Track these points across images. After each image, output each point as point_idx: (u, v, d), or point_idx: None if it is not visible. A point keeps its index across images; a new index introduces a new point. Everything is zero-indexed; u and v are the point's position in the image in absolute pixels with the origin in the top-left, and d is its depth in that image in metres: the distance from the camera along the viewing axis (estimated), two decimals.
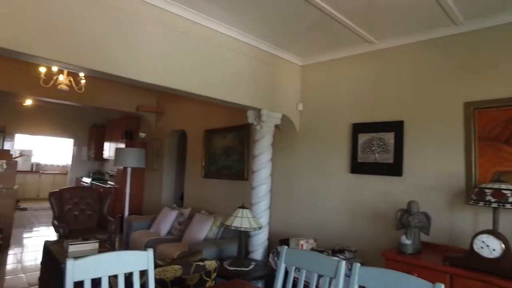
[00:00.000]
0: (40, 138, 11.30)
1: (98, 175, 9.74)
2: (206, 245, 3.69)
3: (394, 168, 3.22)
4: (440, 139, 3.02)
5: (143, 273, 1.79)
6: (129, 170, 5.52)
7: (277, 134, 4.14)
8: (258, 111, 3.83)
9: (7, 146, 9.39)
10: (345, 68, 3.81)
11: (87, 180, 9.33)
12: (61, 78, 4.34)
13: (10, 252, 5.25)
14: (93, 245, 3.54)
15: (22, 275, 4.32)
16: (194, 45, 3.19)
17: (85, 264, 1.55)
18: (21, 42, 2.21)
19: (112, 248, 4.04)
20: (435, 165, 3.03)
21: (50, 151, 12.22)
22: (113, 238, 4.89)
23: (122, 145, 7.62)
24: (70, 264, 1.50)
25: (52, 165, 12.45)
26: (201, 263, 2.48)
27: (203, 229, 4.28)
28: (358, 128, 3.59)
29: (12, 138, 9.52)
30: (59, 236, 4.57)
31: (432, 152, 3.05)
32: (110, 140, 8.95)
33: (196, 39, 3.20)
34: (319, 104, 4.07)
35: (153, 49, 2.89)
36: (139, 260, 1.73)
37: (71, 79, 4.35)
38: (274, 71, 3.97)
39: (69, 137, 10.55)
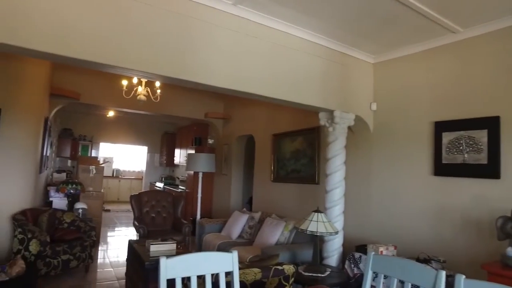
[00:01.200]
0: (119, 146, 12.33)
1: (169, 180, 10.29)
2: (279, 249, 3.65)
3: (488, 170, 2.87)
4: None
5: (226, 274, 1.81)
6: (200, 175, 5.73)
7: (349, 136, 3.97)
8: (330, 112, 3.72)
9: (93, 153, 10.40)
10: (424, 62, 3.53)
11: (159, 184, 9.92)
12: (140, 89, 4.67)
13: (99, 248, 5.75)
14: (171, 245, 3.69)
15: (110, 269, 4.70)
16: (265, 48, 3.20)
17: (176, 263, 1.60)
18: (105, 54, 2.40)
19: (187, 249, 4.19)
20: None
21: (127, 158, 13.26)
22: (187, 240, 5.09)
23: (192, 151, 7.97)
24: (163, 262, 1.55)
25: (129, 171, 13.48)
26: (279, 267, 2.44)
27: (275, 233, 4.25)
28: (441, 127, 3.29)
29: (97, 146, 10.51)
30: (140, 236, 4.89)
31: None
32: (180, 146, 9.42)
33: (267, 42, 3.21)
34: (394, 103, 3.83)
35: (225, 54, 2.96)
36: (224, 261, 1.74)
37: (148, 89, 4.66)
38: (346, 71, 3.83)
39: (144, 144, 11.34)
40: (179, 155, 9.41)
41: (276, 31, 3.25)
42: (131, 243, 3.93)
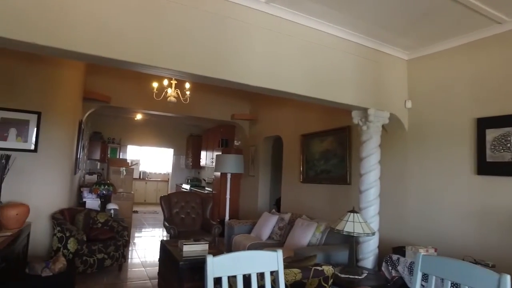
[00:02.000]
0: (145, 148, 12.57)
1: (195, 182, 10.39)
2: (313, 250, 3.58)
3: None
4: None
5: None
6: (228, 176, 5.74)
7: (383, 135, 3.85)
8: (364, 110, 3.63)
9: (121, 156, 10.65)
10: (466, 56, 3.38)
11: (186, 186, 10.02)
12: (170, 91, 4.73)
13: (130, 248, 5.85)
14: (204, 245, 3.70)
15: (142, 268, 4.76)
16: (299, 46, 3.16)
17: (222, 261, 1.57)
18: (143, 55, 2.42)
19: (218, 250, 4.18)
20: None
21: (154, 160, 13.49)
22: (216, 240, 5.10)
23: (219, 153, 8.01)
24: (210, 260, 1.53)
25: (155, 173, 13.71)
26: (319, 268, 2.39)
27: (307, 234, 4.18)
28: (485, 123, 3.14)
29: (125, 149, 10.76)
30: (170, 237, 4.93)
31: None
32: (207, 148, 9.49)
33: (301, 40, 3.17)
34: (431, 100, 3.69)
35: (260, 53, 2.93)
36: (270, 261, 1.70)
37: (178, 91, 4.71)
38: (379, 68, 3.73)
39: (170, 147, 11.50)
40: (205, 157, 9.48)
41: (309, 28, 3.21)
42: (163, 244, 3.96)
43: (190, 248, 3.58)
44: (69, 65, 4.60)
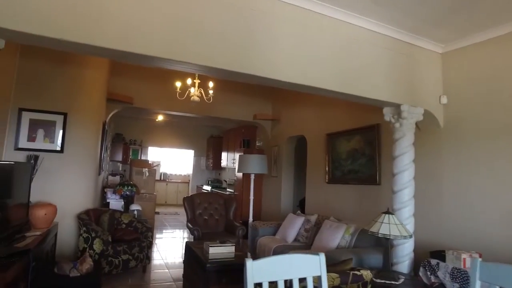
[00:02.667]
0: (166, 150, 12.64)
1: (216, 183, 10.34)
2: (345, 253, 3.42)
3: None
4: None
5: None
6: (252, 177, 5.62)
7: (415, 133, 3.66)
8: (396, 107, 3.46)
9: (142, 157, 10.71)
10: (509, 47, 3.16)
11: (207, 187, 9.98)
12: (193, 90, 4.67)
13: (153, 249, 5.83)
14: (230, 248, 3.60)
15: (166, 270, 4.71)
16: (328, 40, 3.03)
17: (262, 266, 1.46)
18: (168, 49, 2.34)
19: (244, 252, 4.07)
20: None
21: (174, 162, 13.56)
22: (240, 242, 4.99)
23: (240, 154, 7.93)
24: (249, 264, 1.42)
25: (175, 175, 13.76)
26: (357, 273, 2.24)
27: (335, 236, 4.02)
28: None
29: (146, 150, 10.83)
30: (194, 238, 4.86)
31: None
32: (227, 149, 9.43)
33: (331, 34, 3.04)
34: (469, 95, 3.49)
35: (288, 47, 2.82)
36: (311, 265, 1.58)
37: (202, 90, 4.65)
38: (412, 62, 3.55)
39: (190, 148, 11.51)
40: (226, 158, 9.42)
41: (339, 21, 3.07)
42: (188, 245, 3.88)
43: (216, 250, 3.49)
44: (94, 65, 4.61)
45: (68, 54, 4.27)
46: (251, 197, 5.58)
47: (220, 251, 3.51)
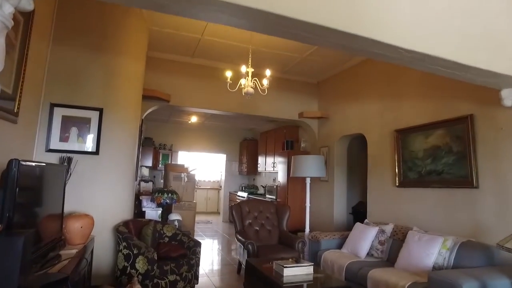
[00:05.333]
0: (195, 155, 12.08)
1: (252, 189, 9.66)
2: (455, 274, 2.63)
3: None
4: None
5: None
6: (308, 181, 4.92)
7: None
8: None
9: (173, 162, 10.16)
10: None
11: (242, 194, 9.31)
12: (244, 82, 4.02)
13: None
14: (308, 268, 2.89)
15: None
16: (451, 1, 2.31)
17: None
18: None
19: (326, 274, 3.35)
20: None
21: (204, 167, 12.99)
22: (301, 257, 4.26)
23: (282, 158, 7.23)
24: None
25: (204, 181, 13.19)
26: None
27: (430, 252, 3.24)
28: None
29: (176, 155, 10.29)
30: (248, 254, 4.15)
31: None
32: (265, 153, 8.75)
33: None
34: None
35: (402, 5, 2.12)
36: None
37: (257, 80, 3.99)
38: None
39: (222, 152, 10.88)
40: (264, 162, 8.74)
41: None
42: (251, 264, 3.20)
43: (292, 272, 2.79)
44: (132, 55, 4.04)
45: (104, 40, 3.71)
46: (307, 204, 4.90)
47: (296, 272, 2.81)
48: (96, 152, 3.60)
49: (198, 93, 5.74)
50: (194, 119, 8.60)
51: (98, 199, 3.54)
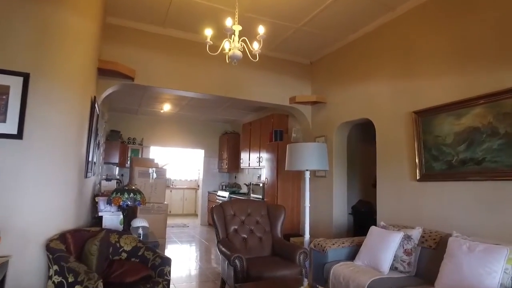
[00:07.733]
0: (169, 152, 10.94)
1: (234, 188, 8.65)
2: None
3: None
4: None
5: None
6: (307, 176, 3.97)
7: None
8: None
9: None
10: None
11: (222, 193, 8.28)
12: (227, 46, 3.03)
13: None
14: None
15: None
16: None
17: None
18: None
19: None
20: None
21: (178, 165, 11.87)
22: (304, 273, 3.29)
23: (269, 151, 6.27)
24: None
25: (180, 180, 12.08)
26: None
27: (490, 269, 2.35)
28: None
29: (147, 151, 9.13)
30: (235, 271, 3.13)
31: None
32: (249, 147, 7.76)
33: None
34: None
35: None
36: None
37: (246, 41, 2.99)
38: None
39: (199, 147, 9.80)
40: (248, 158, 7.74)
41: None
42: None
43: None
44: (78, 10, 2.96)
45: None
46: (307, 204, 3.98)
47: None
48: (19, 136, 2.50)
49: (170, 71, 4.69)
50: (167, 107, 7.49)
51: (21, 201, 2.45)
